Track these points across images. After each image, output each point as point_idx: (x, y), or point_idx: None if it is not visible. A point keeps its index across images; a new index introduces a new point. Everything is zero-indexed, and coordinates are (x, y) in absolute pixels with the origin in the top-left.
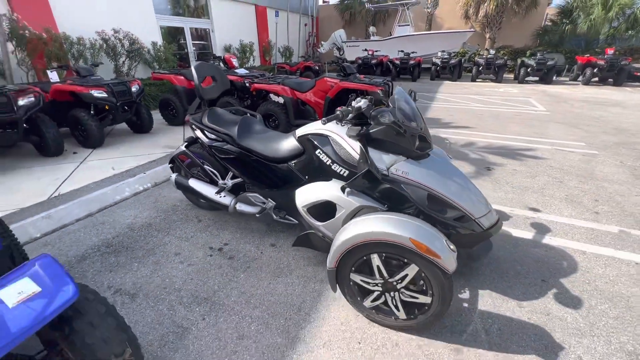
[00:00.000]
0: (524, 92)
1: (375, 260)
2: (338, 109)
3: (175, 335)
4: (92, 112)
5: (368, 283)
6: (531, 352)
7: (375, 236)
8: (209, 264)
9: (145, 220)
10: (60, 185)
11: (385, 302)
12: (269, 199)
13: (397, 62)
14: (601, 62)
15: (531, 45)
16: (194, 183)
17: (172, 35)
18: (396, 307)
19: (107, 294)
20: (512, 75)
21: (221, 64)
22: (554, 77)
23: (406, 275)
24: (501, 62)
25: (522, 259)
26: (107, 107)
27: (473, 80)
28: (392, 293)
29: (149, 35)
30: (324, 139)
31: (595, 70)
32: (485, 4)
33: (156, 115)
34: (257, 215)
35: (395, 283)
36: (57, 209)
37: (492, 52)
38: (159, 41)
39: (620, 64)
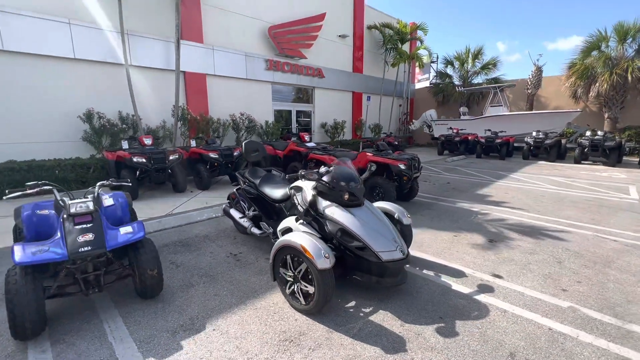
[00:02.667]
0: (633, 178)
1: (288, 259)
2: (301, 171)
3: (186, 286)
4: (207, 166)
5: (286, 274)
6: (378, 346)
7: (286, 243)
8: (224, 261)
9: (205, 233)
10: (174, 209)
11: (295, 291)
12: (270, 227)
13: (483, 140)
14: None
15: None
16: (232, 211)
17: (288, 113)
18: (299, 294)
19: (167, 262)
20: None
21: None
22: None
23: (301, 270)
24: (612, 144)
25: (439, 302)
26: (216, 164)
27: (577, 162)
28: (297, 284)
29: (265, 116)
30: (300, 189)
31: None
32: (597, 84)
33: None
34: (259, 236)
35: (297, 274)
36: (165, 219)
37: (600, 133)
38: (270, 120)
39: None
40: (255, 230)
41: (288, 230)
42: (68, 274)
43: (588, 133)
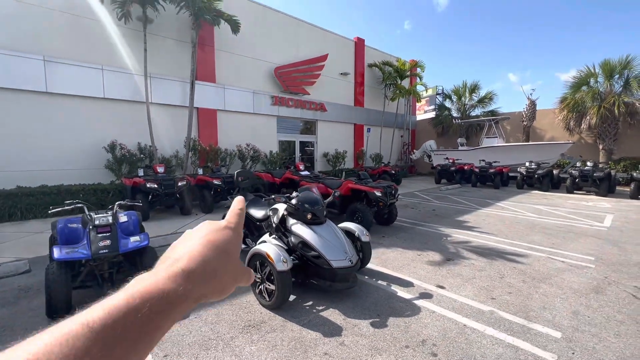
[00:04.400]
0: (616, 208)
1: (257, 264)
2: (274, 195)
3: None
4: (212, 192)
5: (257, 277)
6: (319, 332)
7: (256, 251)
8: None
9: None
10: (179, 228)
11: (261, 290)
12: (253, 242)
13: (477, 170)
14: None
15: None
16: None
17: (292, 144)
18: (265, 292)
19: None
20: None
21: (292, 167)
22: None
23: (266, 272)
24: (601, 175)
25: (381, 304)
26: (219, 190)
27: (569, 192)
28: (263, 284)
29: (270, 146)
30: (276, 210)
31: None
32: (588, 118)
33: None
34: (243, 250)
35: (263, 276)
36: (170, 236)
37: (590, 163)
38: (275, 150)
39: None
40: (241, 246)
41: (264, 242)
42: (89, 271)
43: (578, 164)
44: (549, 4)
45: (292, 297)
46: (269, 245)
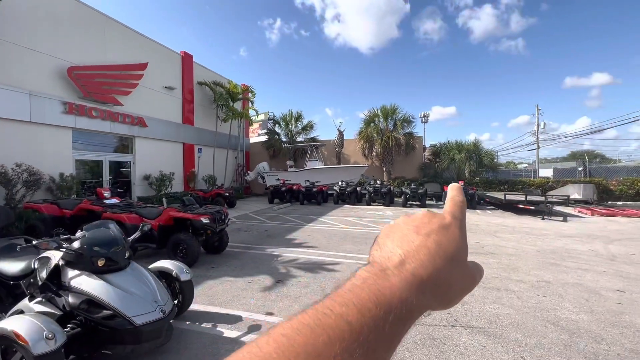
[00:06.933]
0: (395, 215)
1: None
2: (35, 242)
3: None
4: None
5: None
6: None
7: None
8: None
9: None
10: None
11: None
12: (2, 313)
13: (303, 189)
14: None
15: (417, 177)
16: None
17: (99, 164)
18: None
19: None
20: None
21: (94, 195)
22: (434, 202)
23: None
24: (385, 190)
25: (205, 353)
26: None
27: (368, 204)
28: None
29: (62, 167)
30: (46, 260)
31: None
32: (375, 147)
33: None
34: None
35: None
36: None
37: (378, 182)
38: (69, 172)
39: (468, 192)
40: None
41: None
42: None
43: (372, 182)
44: (353, 58)
45: None
46: (17, 319)
